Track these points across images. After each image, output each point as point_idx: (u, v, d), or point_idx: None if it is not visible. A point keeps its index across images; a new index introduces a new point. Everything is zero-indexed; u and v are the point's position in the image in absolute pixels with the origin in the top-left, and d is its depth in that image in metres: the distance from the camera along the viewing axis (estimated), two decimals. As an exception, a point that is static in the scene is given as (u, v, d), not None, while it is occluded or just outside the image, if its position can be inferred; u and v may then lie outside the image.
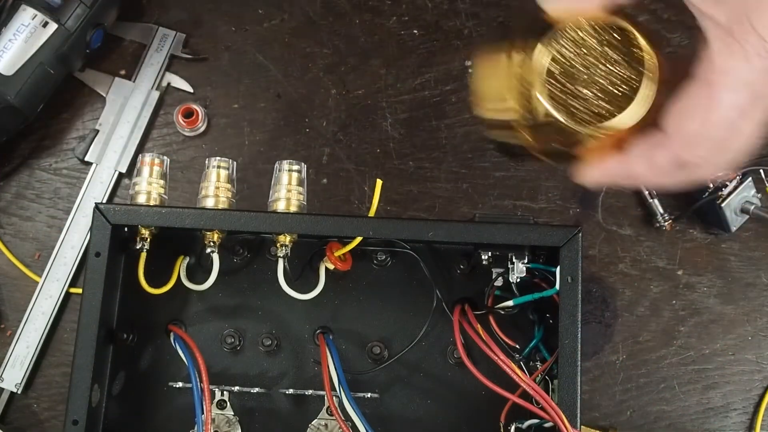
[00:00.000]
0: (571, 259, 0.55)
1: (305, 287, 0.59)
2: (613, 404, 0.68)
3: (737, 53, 0.42)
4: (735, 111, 0.43)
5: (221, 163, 0.59)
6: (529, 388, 0.52)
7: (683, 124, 0.44)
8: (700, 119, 0.43)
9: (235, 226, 0.56)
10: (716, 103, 0.43)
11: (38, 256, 0.69)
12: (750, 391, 0.68)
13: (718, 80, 0.43)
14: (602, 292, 0.69)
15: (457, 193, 0.70)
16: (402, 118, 0.71)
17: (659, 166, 0.46)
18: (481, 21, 0.73)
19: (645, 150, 0.46)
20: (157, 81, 0.72)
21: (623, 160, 0.47)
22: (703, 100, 0.43)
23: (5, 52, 0.65)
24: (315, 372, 0.61)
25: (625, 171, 0.47)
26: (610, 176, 0.48)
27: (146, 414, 0.60)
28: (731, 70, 0.42)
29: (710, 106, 0.43)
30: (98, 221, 0.56)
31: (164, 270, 0.59)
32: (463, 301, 0.59)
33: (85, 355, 0.55)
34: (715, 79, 0.43)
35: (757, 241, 0.70)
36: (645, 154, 0.46)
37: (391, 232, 0.57)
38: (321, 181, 0.70)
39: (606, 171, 0.48)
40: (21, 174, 0.71)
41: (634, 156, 0.47)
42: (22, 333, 0.67)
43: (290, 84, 0.72)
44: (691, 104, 0.44)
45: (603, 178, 0.48)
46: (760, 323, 0.69)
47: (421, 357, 0.61)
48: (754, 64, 0.42)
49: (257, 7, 0.74)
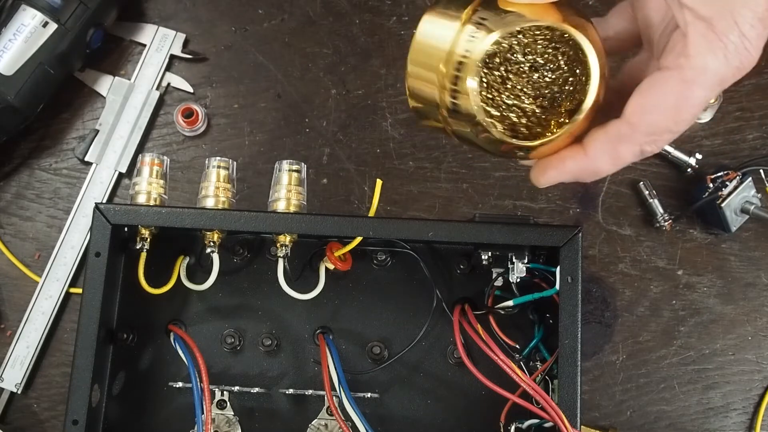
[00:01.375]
0: (571, 259, 0.55)
1: (305, 287, 0.59)
2: (613, 404, 0.68)
3: (717, 50, 0.40)
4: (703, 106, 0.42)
5: (221, 163, 0.59)
6: (529, 388, 0.52)
7: (652, 119, 0.42)
8: (670, 115, 0.42)
9: (235, 226, 0.56)
10: (689, 100, 0.41)
11: (38, 256, 0.69)
12: (750, 391, 0.68)
13: (694, 77, 0.41)
14: (602, 292, 0.69)
15: (457, 193, 0.70)
16: (402, 118, 0.71)
17: (623, 159, 0.44)
18: (481, 21, 0.73)
19: (608, 144, 0.44)
20: (157, 81, 0.72)
21: (584, 157, 0.45)
22: (675, 97, 0.42)
23: (5, 52, 0.65)
24: (315, 372, 0.61)
25: (586, 168, 0.45)
26: (569, 174, 0.46)
27: (146, 414, 0.60)
28: (709, 68, 0.41)
29: (682, 103, 0.42)
30: (98, 221, 0.56)
31: (164, 270, 0.59)
32: (463, 301, 0.59)
33: (85, 355, 0.55)
34: (691, 76, 0.41)
35: (757, 241, 0.70)
36: (608, 149, 0.44)
37: (391, 232, 0.57)
38: (321, 181, 0.70)
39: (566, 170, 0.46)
40: (21, 174, 0.71)
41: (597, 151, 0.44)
42: (22, 333, 0.67)
43: (290, 84, 0.72)
44: (662, 99, 0.42)
45: (563, 177, 0.46)
46: (760, 323, 0.69)
47: (421, 357, 0.61)
48: (732, 61, 0.40)
49: (257, 7, 0.74)
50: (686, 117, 0.42)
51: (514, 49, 0.44)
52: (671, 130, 0.42)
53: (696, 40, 0.41)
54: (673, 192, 0.70)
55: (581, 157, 0.45)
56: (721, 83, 0.41)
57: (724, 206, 0.67)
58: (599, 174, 0.45)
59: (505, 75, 0.44)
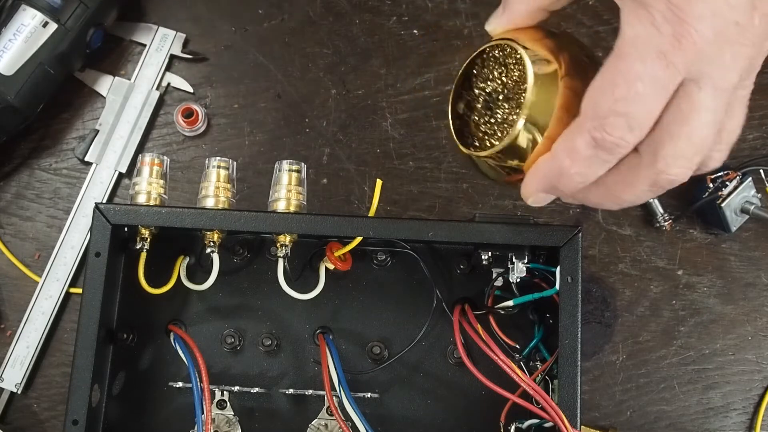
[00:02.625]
0: (571, 259, 0.55)
1: (305, 287, 0.59)
2: (613, 404, 0.68)
3: (644, 19, 0.39)
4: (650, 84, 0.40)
5: (221, 163, 0.59)
6: (529, 388, 0.52)
7: (594, 101, 0.41)
8: (608, 93, 0.40)
9: (235, 226, 0.56)
10: (626, 74, 0.40)
11: (38, 256, 0.69)
12: (750, 391, 0.68)
13: (627, 50, 0.40)
14: (602, 292, 0.69)
15: (457, 193, 0.70)
16: (402, 118, 0.71)
17: (578, 151, 0.42)
18: (481, 21, 0.73)
19: (565, 137, 0.43)
20: (157, 81, 0.72)
21: (549, 155, 0.44)
22: (613, 73, 0.41)
23: (5, 52, 0.65)
24: (315, 372, 0.61)
25: (553, 168, 0.44)
26: (544, 179, 0.45)
27: (146, 414, 0.60)
28: (638, 38, 0.40)
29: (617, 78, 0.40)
30: (98, 221, 0.56)
31: (164, 270, 0.59)
32: (463, 301, 0.59)
33: (85, 355, 0.55)
34: (624, 50, 0.40)
35: (757, 241, 0.70)
36: (564, 143, 0.43)
37: (391, 232, 0.57)
38: (321, 181, 0.70)
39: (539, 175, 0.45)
40: (21, 174, 0.71)
41: (557, 148, 0.44)
42: (22, 333, 0.67)
43: (290, 84, 0.72)
44: (601, 79, 0.41)
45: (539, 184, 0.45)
46: (760, 323, 0.69)
47: (421, 357, 0.61)
48: (664, 30, 0.39)
49: (257, 7, 0.74)
50: (626, 93, 0.40)
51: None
52: (614, 110, 0.40)
53: (625, 16, 0.40)
54: (673, 192, 0.70)
55: (548, 157, 0.44)
56: (661, 55, 0.39)
57: (724, 206, 0.67)
58: (563, 172, 0.43)
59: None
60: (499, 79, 0.48)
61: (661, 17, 0.39)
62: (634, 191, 0.44)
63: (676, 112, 0.41)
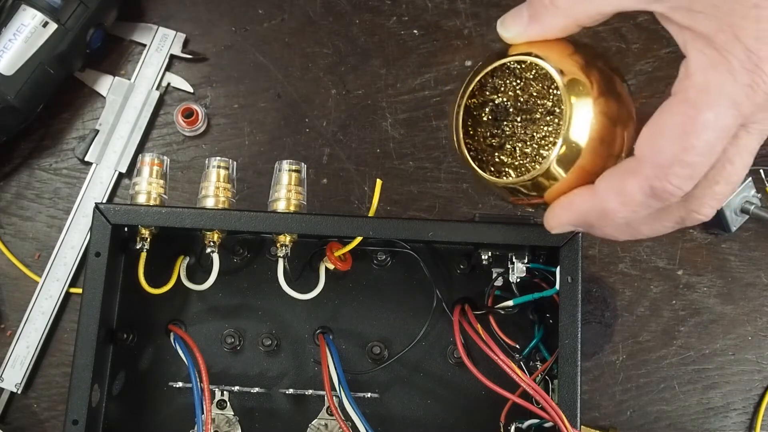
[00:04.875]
0: (571, 259, 0.55)
1: (305, 287, 0.59)
2: (613, 404, 0.68)
3: (720, 66, 0.37)
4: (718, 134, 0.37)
5: (221, 163, 0.59)
6: (529, 388, 0.52)
7: (656, 146, 0.38)
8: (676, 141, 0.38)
9: (235, 226, 0.56)
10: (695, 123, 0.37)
11: (38, 256, 0.69)
12: (750, 391, 0.68)
13: (698, 97, 0.37)
14: (602, 292, 0.69)
15: (457, 193, 0.70)
16: (402, 118, 0.71)
17: (631, 196, 0.39)
18: (481, 21, 0.73)
19: (614, 179, 0.40)
20: (157, 81, 0.72)
21: (591, 194, 0.41)
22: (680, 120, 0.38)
23: (5, 52, 0.65)
24: (315, 372, 0.61)
25: (595, 207, 0.41)
26: (580, 216, 0.42)
27: (146, 414, 0.60)
28: (713, 85, 0.37)
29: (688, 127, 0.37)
30: (98, 221, 0.56)
31: (164, 270, 0.59)
32: (463, 301, 0.59)
33: (85, 355, 0.55)
34: (695, 96, 0.37)
35: (757, 241, 0.70)
36: (614, 185, 0.40)
37: (391, 232, 0.57)
38: (321, 181, 0.70)
39: (574, 210, 0.42)
40: (21, 174, 0.71)
41: (603, 187, 0.41)
42: (22, 333, 0.67)
43: (290, 84, 0.72)
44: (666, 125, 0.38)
45: (572, 219, 0.43)
46: (760, 323, 0.69)
47: (421, 357, 0.61)
48: (740, 79, 0.36)
49: (257, 7, 0.74)
50: (696, 144, 0.37)
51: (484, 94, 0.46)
52: (681, 160, 0.38)
53: (696, 57, 0.38)
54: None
55: (589, 195, 0.42)
56: (735, 104, 0.37)
57: (724, 206, 0.67)
58: (608, 214, 0.41)
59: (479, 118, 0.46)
60: (512, 92, 0.45)
61: (740, 65, 0.36)
62: (655, 226, 0.43)
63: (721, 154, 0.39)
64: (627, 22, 0.72)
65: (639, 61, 0.72)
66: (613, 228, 0.43)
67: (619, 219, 0.41)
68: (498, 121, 0.45)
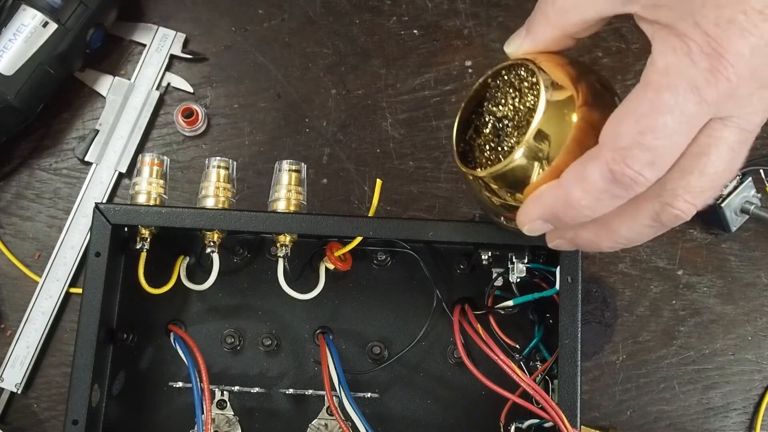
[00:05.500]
0: (571, 259, 0.55)
1: (305, 287, 0.59)
2: (613, 404, 0.68)
3: (679, 50, 0.37)
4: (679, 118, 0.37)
5: (221, 163, 0.59)
6: (529, 388, 0.52)
7: (616, 131, 0.39)
8: (635, 124, 0.38)
9: (235, 226, 0.56)
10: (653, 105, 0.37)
11: (38, 256, 0.69)
12: (750, 391, 0.68)
13: (657, 80, 0.38)
14: (602, 292, 0.69)
15: (457, 193, 0.70)
16: (402, 118, 0.71)
17: (591, 182, 0.39)
18: (481, 21, 0.73)
19: (576, 166, 0.41)
20: (157, 81, 0.72)
21: (557, 184, 0.42)
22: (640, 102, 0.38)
23: (5, 52, 0.65)
24: (315, 372, 0.61)
25: (559, 197, 0.41)
26: (547, 208, 0.42)
27: (146, 414, 0.60)
28: (672, 68, 0.37)
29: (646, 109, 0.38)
30: (98, 221, 0.56)
31: (164, 270, 0.59)
32: (463, 301, 0.59)
33: (85, 355, 0.55)
34: (654, 79, 0.38)
35: (757, 241, 0.70)
36: (575, 172, 0.41)
37: (391, 232, 0.57)
38: (321, 181, 0.70)
39: (541, 203, 0.42)
40: (21, 174, 0.71)
41: (565, 176, 0.41)
42: (22, 333, 0.67)
43: (290, 84, 0.72)
44: (626, 108, 0.39)
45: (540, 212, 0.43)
46: (760, 323, 0.69)
47: (421, 357, 0.61)
48: (699, 63, 0.37)
49: (257, 7, 0.74)
50: (654, 125, 0.38)
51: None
52: (640, 143, 0.38)
53: (658, 46, 0.38)
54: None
55: (555, 186, 0.42)
56: (695, 88, 0.37)
57: (724, 206, 0.67)
58: (572, 203, 0.41)
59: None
60: (511, 104, 0.46)
61: (698, 49, 0.37)
62: (632, 225, 0.42)
63: (693, 145, 0.39)
64: (627, 22, 0.72)
65: (639, 61, 0.72)
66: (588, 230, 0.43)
67: (584, 209, 0.41)
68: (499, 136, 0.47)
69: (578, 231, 0.44)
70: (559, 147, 0.42)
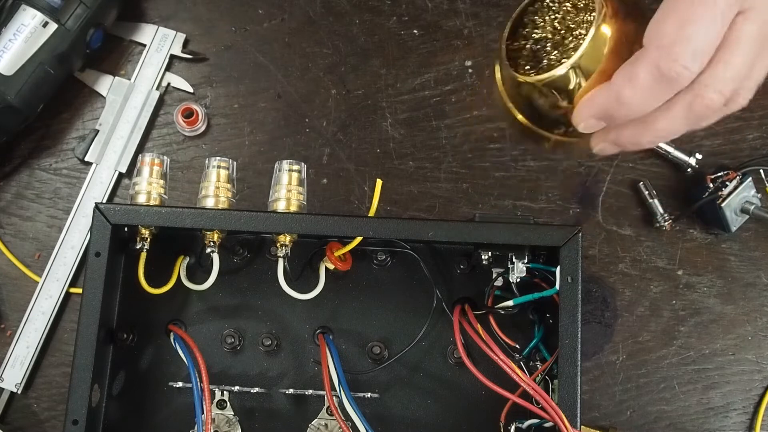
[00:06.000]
0: (571, 259, 0.55)
1: (305, 287, 0.59)
2: (613, 404, 0.68)
3: None
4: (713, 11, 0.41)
5: (221, 163, 0.59)
6: (529, 388, 0.52)
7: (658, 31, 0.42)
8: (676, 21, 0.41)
9: (235, 226, 0.56)
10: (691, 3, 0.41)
11: (38, 256, 0.69)
12: (750, 391, 0.68)
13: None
14: (602, 292, 0.69)
15: (457, 193, 0.70)
16: (402, 118, 0.71)
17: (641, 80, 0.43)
18: (481, 21, 0.73)
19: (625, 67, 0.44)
20: (157, 81, 0.72)
21: (608, 85, 0.45)
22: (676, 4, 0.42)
23: (5, 52, 0.65)
24: (315, 372, 0.61)
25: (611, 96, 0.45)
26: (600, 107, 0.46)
27: (146, 414, 0.60)
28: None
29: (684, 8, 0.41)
30: (98, 221, 0.56)
31: (164, 270, 0.59)
32: (463, 301, 0.59)
33: (85, 355, 0.55)
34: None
35: (757, 241, 0.70)
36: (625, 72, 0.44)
37: (391, 232, 0.57)
38: (321, 181, 0.70)
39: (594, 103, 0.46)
40: (21, 174, 0.71)
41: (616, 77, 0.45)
42: (22, 333, 0.67)
43: (290, 84, 0.72)
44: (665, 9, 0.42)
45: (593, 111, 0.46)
46: (760, 323, 0.69)
47: (421, 357, 0.61)
48: None
49: (257, 7, 0.74)
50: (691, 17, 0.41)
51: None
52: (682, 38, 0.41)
53: None
54: (673, 192, 0.70)
55: (606, 87, 0.45)
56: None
57: (724, 206, 0.67)
58: (622, 100, 0.45)
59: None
60: (550, 26, 0.50)
61: None
62: (669, 118, 0.45)
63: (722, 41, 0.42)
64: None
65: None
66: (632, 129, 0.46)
67: (634, 105, 0.44)
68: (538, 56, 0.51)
69: (620, 130, 0.47)
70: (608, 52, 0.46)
